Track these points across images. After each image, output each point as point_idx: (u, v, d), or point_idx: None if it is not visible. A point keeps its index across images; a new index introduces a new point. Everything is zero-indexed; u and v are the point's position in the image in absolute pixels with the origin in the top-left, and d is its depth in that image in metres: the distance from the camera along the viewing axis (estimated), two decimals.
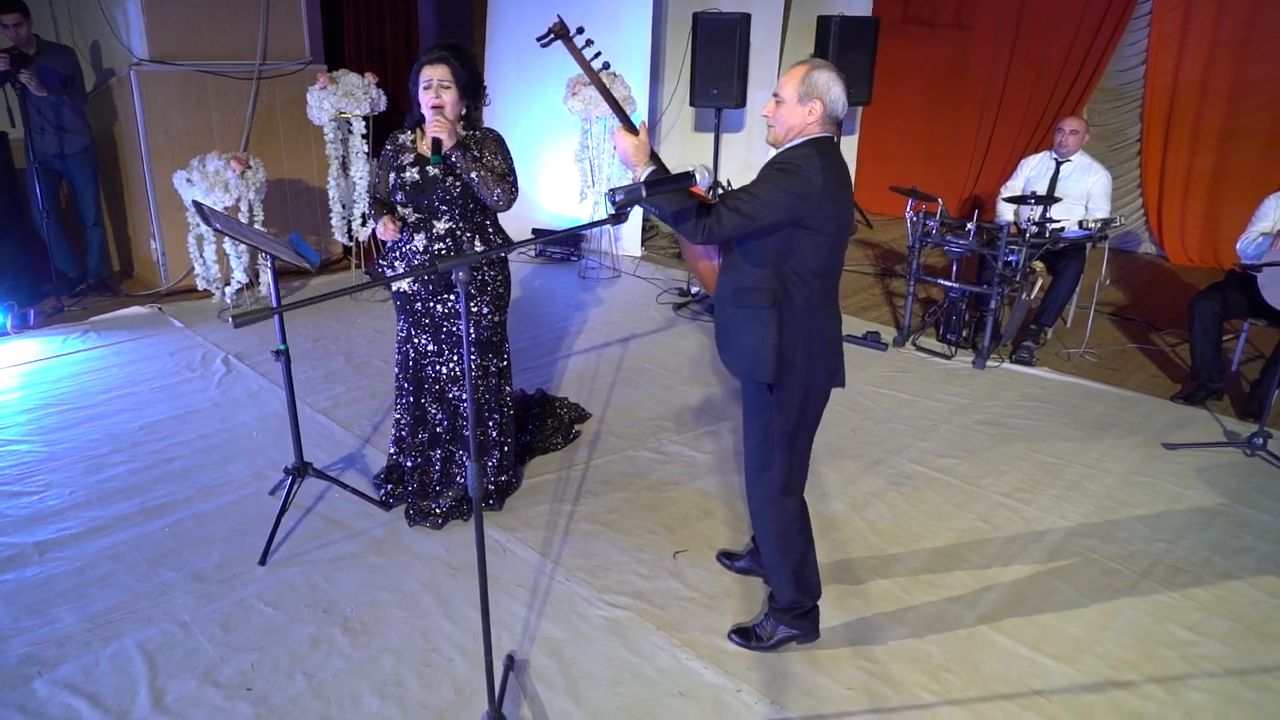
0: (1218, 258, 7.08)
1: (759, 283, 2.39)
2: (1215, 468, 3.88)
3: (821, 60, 2.42)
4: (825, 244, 2.37)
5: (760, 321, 2.40)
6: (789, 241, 2.34)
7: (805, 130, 2.38)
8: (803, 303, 2.40)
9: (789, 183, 2.27)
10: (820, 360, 2.45)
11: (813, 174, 2.28)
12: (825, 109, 2.36)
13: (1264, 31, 6.57)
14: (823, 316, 2.45)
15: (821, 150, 2.34)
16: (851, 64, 7.20)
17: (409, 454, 3.44)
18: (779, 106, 2.40)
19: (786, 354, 2.41)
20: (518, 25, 7.20)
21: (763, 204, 2.27)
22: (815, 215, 2.30)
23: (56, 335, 5.19)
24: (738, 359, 2.51)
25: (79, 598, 2.90)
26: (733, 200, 2.29)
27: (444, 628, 2.77)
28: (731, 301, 2.48)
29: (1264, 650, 2.76)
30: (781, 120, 2.40)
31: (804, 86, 2.35)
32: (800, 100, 2.36)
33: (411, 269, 3.09)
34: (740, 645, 2.71)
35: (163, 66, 5.65)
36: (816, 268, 2.39)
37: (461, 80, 2.99)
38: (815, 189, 2.28)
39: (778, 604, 2.69)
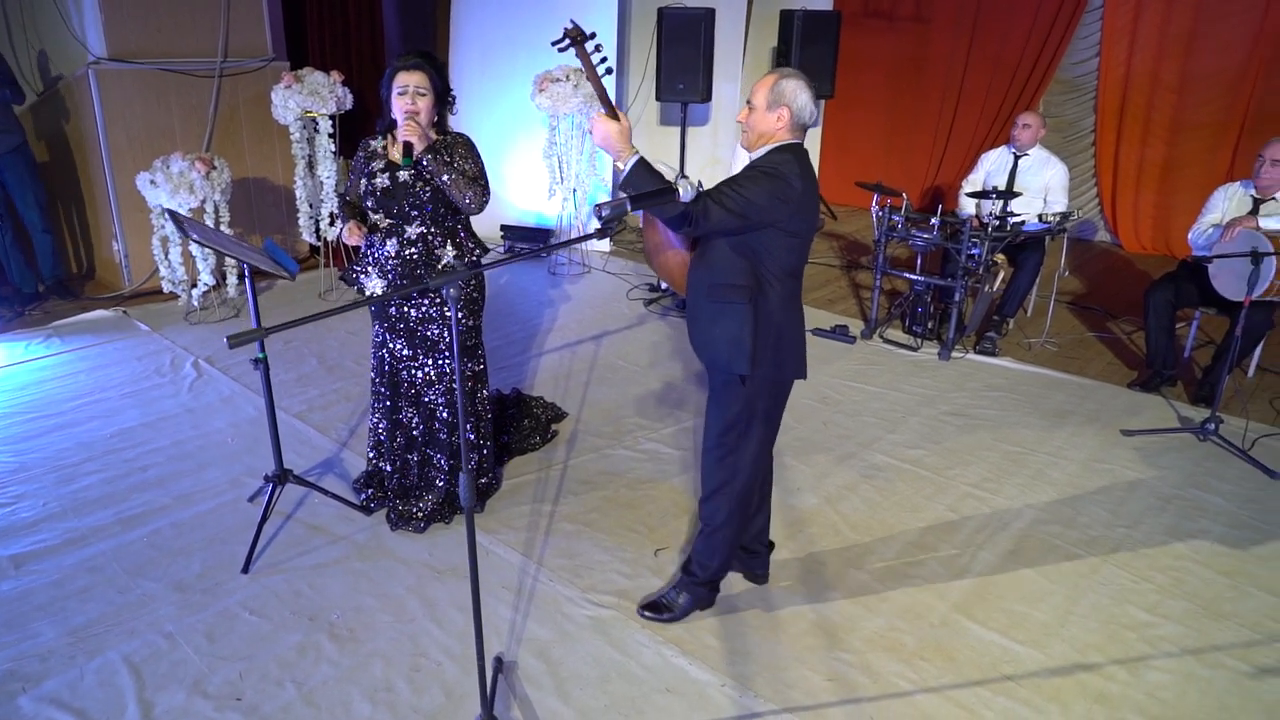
0: (1169, 245, 7.30)
1: (736, 279, 2.51)
2: (1170, 453, 4.04)
3: (791, 69, 2.54)
4: (797, 245, 2.51)
5: (737, 315, 2.52)
6: (765, 241, 2.46)
7: (775, 136, 2.50)
8: (776, 300, 2.53)
9: (773, 186, 2.39)
10: (788, 354, 2.59)
11: (794, 180, 2.41)
12: (792, 115, 2.48)
13: (1209, 27, 6.77)
14: (792, 313, 2.59)
15: (798, 156, 2.47)
16: (814, 58, 7.29)
17: (387, 458, 3.46)
18: (751, 113, 2.53)
19: (760, 347, 2.53)
20: (483, 22, 7.17)
21: (747, 201, 2.37)
22: (792, 218, 2.44)
23: (18, 341, 5.10)
24: (711, 349, 2.61)
25: (59, 611, 2.88)
26: (719, 195, 2.38)
27: (431, 632, 2.80)
28: (707, 295, 2.57)
29: (1218, 629, 2.90)
30: (753, 126, 2.53)
31: (772, 94, 2.48)
32: (769, 107, 2.48)
33: (398, 287, 3.11)
34: (653, 619, 2.86)
35: (122, 65, 5.55)
36: (788, 267, 2.52)
37: (437, 88, 3.01)
38: (795, 194, 2.41)
39: (698, 577, 2.86)
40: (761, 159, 2.48)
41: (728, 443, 2.69)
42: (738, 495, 2.74)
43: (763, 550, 3.04)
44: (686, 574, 2.90)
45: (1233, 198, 4.54)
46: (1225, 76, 6.78)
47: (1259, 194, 4.40)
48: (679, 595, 2.89)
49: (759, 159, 2.49)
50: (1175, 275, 4.68)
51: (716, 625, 2.86)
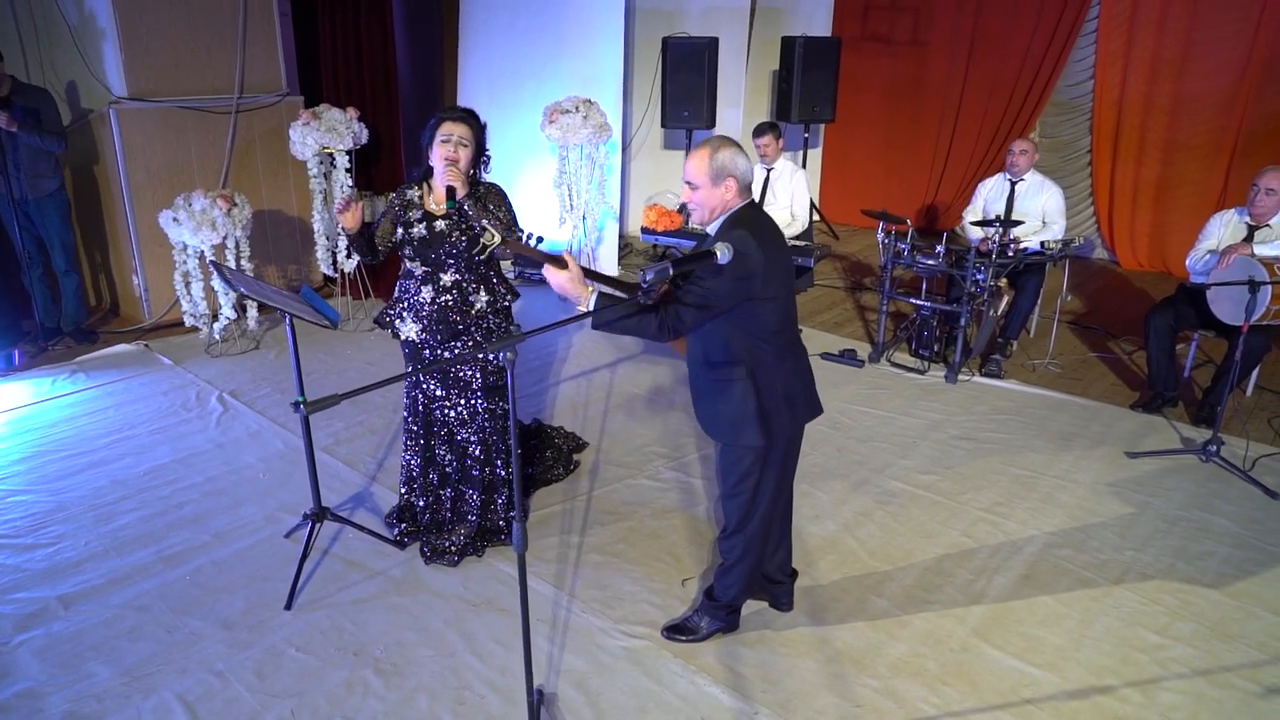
0: (1166, 262, 7.46)
1: (728, 355, 2.59)
2: (1175, 474, 4.17)
3: (719, 137, 2.58)
4: (779, 306, 2.58)
5: (738, 390, 2.60)
6: (746, 313, 2.53)
7: (728, 205, 2.57)
8: (772, 359, 2.61)
9: (732, 269, 2.41)
10: (800, 402, 2.70)
11: (753, 254, 2.45)
12: (738, 181, 2.55)
13: (1200, 50, 6.94)
14: (792, 362, 2.67)
15: (751, 225, 2.51)
16: (816, 82, 7.47)
17: (420, 494, 3.57)
18: (695, 192, 2.57)
19: (769, 411, 2.62)
20: (489, 53, 7.31)
21: (715, 294, 2.45)
22: (765, 288, 2.50)
23: (44, 377, 5.20)
24: (718, 425, 2.70)
25: (111, 651, 2.98)
26: (688, 296, 2.45)
27: (473, 665, 2.91)
28: (703, 366, 2.66)
29: (1226, 650, 3.02)
30: (703, 204, 2.58)
31: (714, 169, 2.52)
32: (714, 182, 2.53)
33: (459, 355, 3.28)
34: (675, 640, 2.98)
35: (141, 104, 5.68)
36: (775, 327, 2.60)
37: (478, 141, 3.14)
38: (758, 265, 2.46)
39: (718, 601, 2.97)
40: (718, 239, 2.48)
41: (744, 488, 2.78)
42: (755, 533, 2.85)
43: (786, 580, 3.15)
44: (708, 599, 3.02)
45: (1228, 224, 4.68)
46: (1217, 99, 6.96)
47: (1254, 221, 4.55)
48: (701, 619, 3.01)
49: (715, 239, 2.51)
50: (1174, 299, 4.82)
51: (746, 654, 2.98)
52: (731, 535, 2.88)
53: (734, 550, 2.89)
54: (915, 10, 8.39)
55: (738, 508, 2.83)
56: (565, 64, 7.05)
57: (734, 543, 2.88)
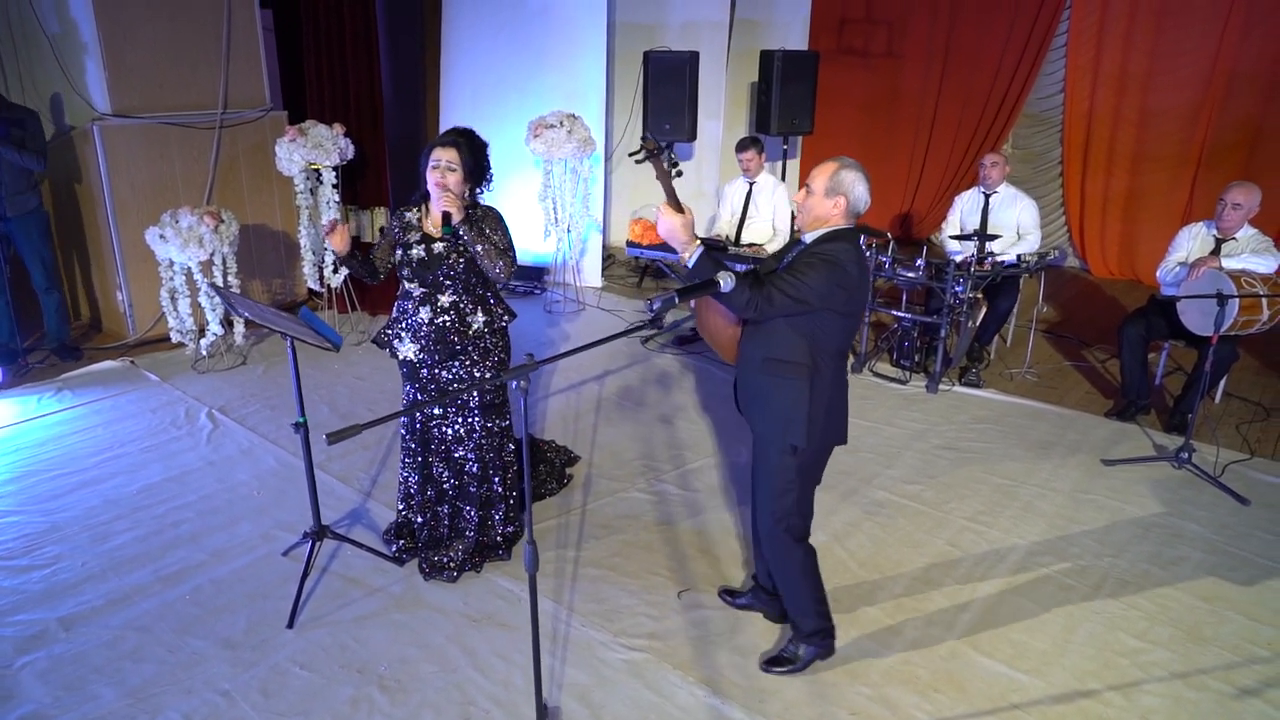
0: (1135, 270, 7.66)
1: (794, 357, 2.68)
2: (1149, 481, 4.31)
3: (850, 160, 2.70)
4: (849, 326, 2.70)
5: (796, 391, 2.69)
6: (821, 323, 2.64)
7: (829, 221, 2.68)
8: (829, 377, 2.72)
9: (832, 274, 2.56)
10: (835, 421, 2.80)
11: (850, 267, 2.59)
12: (849, 204, 2.66)
13: (1165, 64, 7.16)
14: (841, 387, 2.79)
15: (853, 244, 2.64)
16: (794, 96, 7.57)
17: (418, 510, 3.61)
18: (809, 196, 2.70)
19: (815, 419, 2.72)
20: (472, 65, 7.37)
21: (809, 289, 2.56)
22: (848, 302, 2.63)
23: (29, 395, 5.18)
24: (768, 421, 2.79)
25: (115, 672, 3.00)
26: (782, 283, 2.56)
27: (476, 680, 2.97)
28: (761, 369, 2.75)
29: (1201, 653, 3.15)
30: (809, 209, 2.70)
31: (831, 183, 2.65)
32: (827, 194, 2.65)
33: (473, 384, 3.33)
34: (775, 673, 2.99)
35: (125, 120, 5.67)
36: (837, 347, 2.71)
37: (468, 165, 3.20)
38: (851, 281, 2.59)
39: (803, 630, 3.00)
40: (823, 246, 2.63)
41: (780, 511, 2.85)
42: (800, 553, 2.91)
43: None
44: (794, 628, 3.04)
45: (1196, 237, 4.85)
46: (1182, 112, 7.17)
47: (1221, 234, 4.71)
48: (797, 647, 3.03)
49: (820, 246, 2.63)
50: (1146, 310, 4.98)
51: (743, 664, 3.06)
52: (784, 567, 2.93)
53: (790, 573, 2.93)
54: (890, 24, 8.55)
55: (781, 538, 2.88)
56: (548, 78, 7.12)
57: (790, 574, 2.93)
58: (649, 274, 7.48)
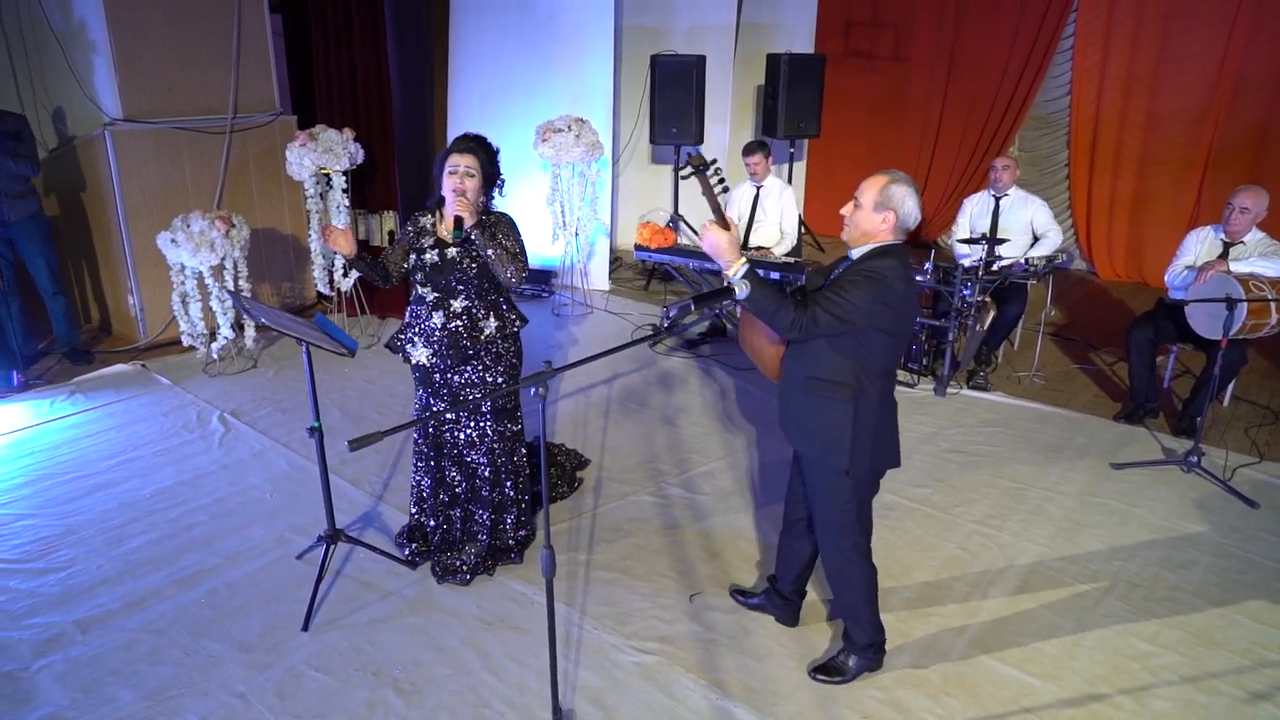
0: (1142, 273, 7.66)
1: (838, 376, 2.62)
2: (1158, 485, 4.32)
3: (901, 174, 2.63)
4: (895, 345, 2.64)
5: (839, 411, 2.65)
6: (866, 341, 2.58)
7: (877, 236, 2.61)
8: (874, 398, 2.65)
9: (876, 291, 2.51)
10: (885, 444, 2.75)
11: (897, 284, 2.53)
12: (898, 220, 2.59)
13: (1172, 67, 7.16)
14: (889, 409, 2.73)
15: (901, 260, 2.58)
16: (801, 99, 7.60)
17: (430, 514, 3.64)
18: (856, 210, 2.63)
19: (860, 441, 2.67)
20: (480, 69, 7.40)
21: (854, 308, 2.51)
22: (896, 321, 2.58)
23: (43, 399, 5.21)
24: (811, 442, 2.75)
25: (131, 675, 3.03)
26: (826, 302, 2.51)
27: (490, 683, 2.99)
28: (804, 388, 2.70)
29: (1212, 657, 3.16)
30: (857, 224, 2.64)
31: (881, 197, 2.58)
32: (876, 209, 2.59)
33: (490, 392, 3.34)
34: (825, 682, 2.99)
35: (136, 125, 5.71)
36: (885, 365, 2.65)
37: (485, 171, 3.22)
38: (898, 299, 2.54)
39: (857, 643, 2.99)
40: (869, 263, 2.57)
41: (840, 529, 2.83)
42: (859, 570, 2.90)
43: (798, 600, 3.26)
44: (847, 640, 3.03)
45: (1204, 241, 4.85)
46: (1189, 114, 7.17)
47: (1229, 238, 4.72)
48: (848, 659, 3.01)
49: (866, 262, 2.58)
50: (1154, 314, 4.99)
51: (755, 667, 3.07)
52: (840, 575, 2.92)
53: (849, 590, 2.93)
54: (896, 27, 8.57)
55: (845, 557, 2.87)
56: (555, 82, 7.15)
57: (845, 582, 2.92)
58: (656, 277, 7.50)
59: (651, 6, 8.05)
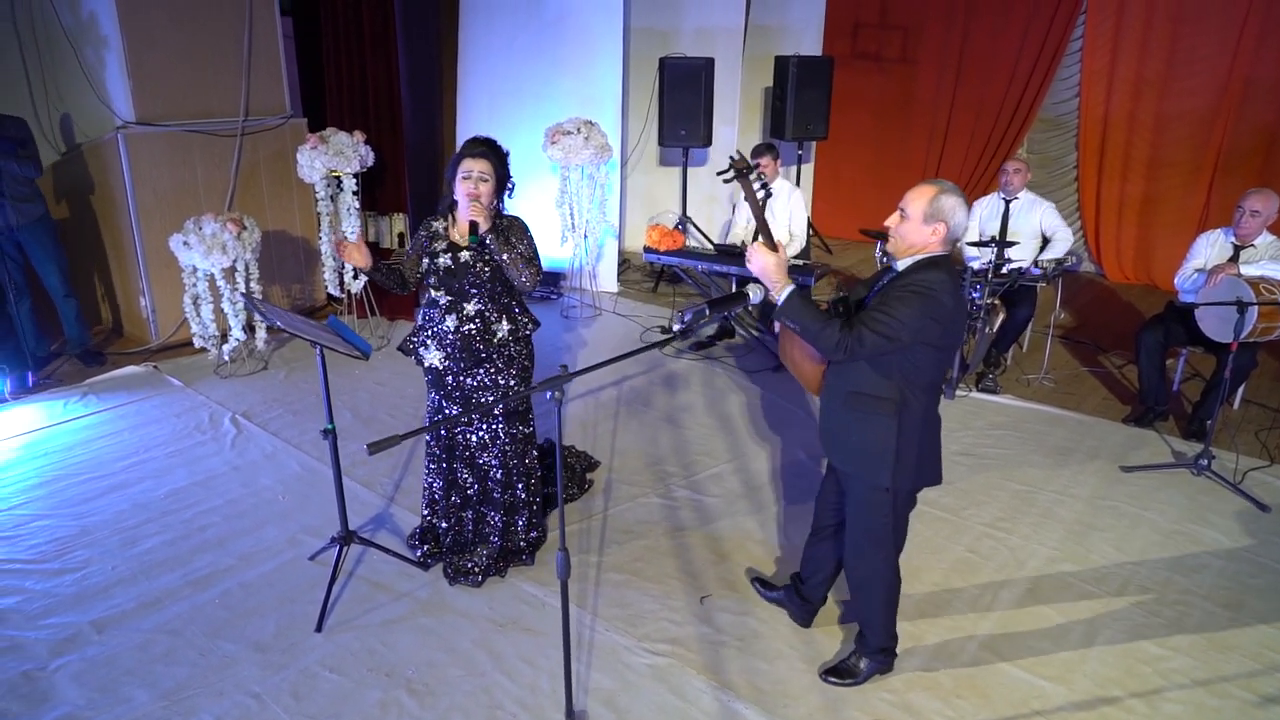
0: (1151, 275, 7.65)
1: (882, 392, 2.58)
2: (1168, 488, 4.32)
3: (949, 184, 2.57)
4: (942, 359, 2.59)
5: (883, 427, 2.60)
6: (913, 355, 2.53)
7: (926, 248, 2.56)
8: (920, 410, 2.61)
9: (925, 306, 2.45)
10: (928, 461, 2.72)
11: (946, 299, 2.47)
12: (948, 231, 2.54)
13: (1181, 70, 7.15)
14: (934, 424, 2.70)
15: (950, 273, 2.54)
16: (810, 101, 7.61)
17: (443, 516, 3.66)
18: (903, 221, 2.57)
19: (904, 459, 2.63)
20: (489, 71, 7.42)
21: (901, 325, 2.44)
22: (943, 335, 2.53)
23: (55, 400, 5.24)
24: (853, 459, 2.72)
25: (147, 674, 3.05)
26: (873, 321, 2.45)
27: (503, 684, 3.00)
28: (846, 404, 2.66)
29: (1224, 660, 3.16)
30: (904, 235, 2.58)
31: (931, 208, 2.51)
32: (925, 220, 2.52)
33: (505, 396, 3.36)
34: (836, 684, 2.99)
35: (149, 128, 5.74)
36: (931, 379, 2.61)
37: (498, 174, 3.24)
38: (947, 313, 2.48)
39: (870, 646, 2.99)
40: (915, 276, 2.51)
41: (874, 542, 2.82)
42: (885, 582, 2.91)
43: (817, 604, 3.27)
44: (860, 642, 3.03)
45: (1214, 244, 4.85)
46: (1198, 117, 7.16)
47: (1239, 241, 4.71)
48: (859, 661, 3.01)
49: (912, 276, 2.53)
50: (1164, 317, 4.98)
51: (766, 669, 3.08)
52: (864, 586, 2.91)
53: (872, 600, 2.92)
54: (904, 29, 8.57)
55: (866, 562, 2.86)
56: (564, 84, 7.17)
57: (868, 596, 2.92)
58: (664, 279, 7.51)
59: (659, 8, 8.07)
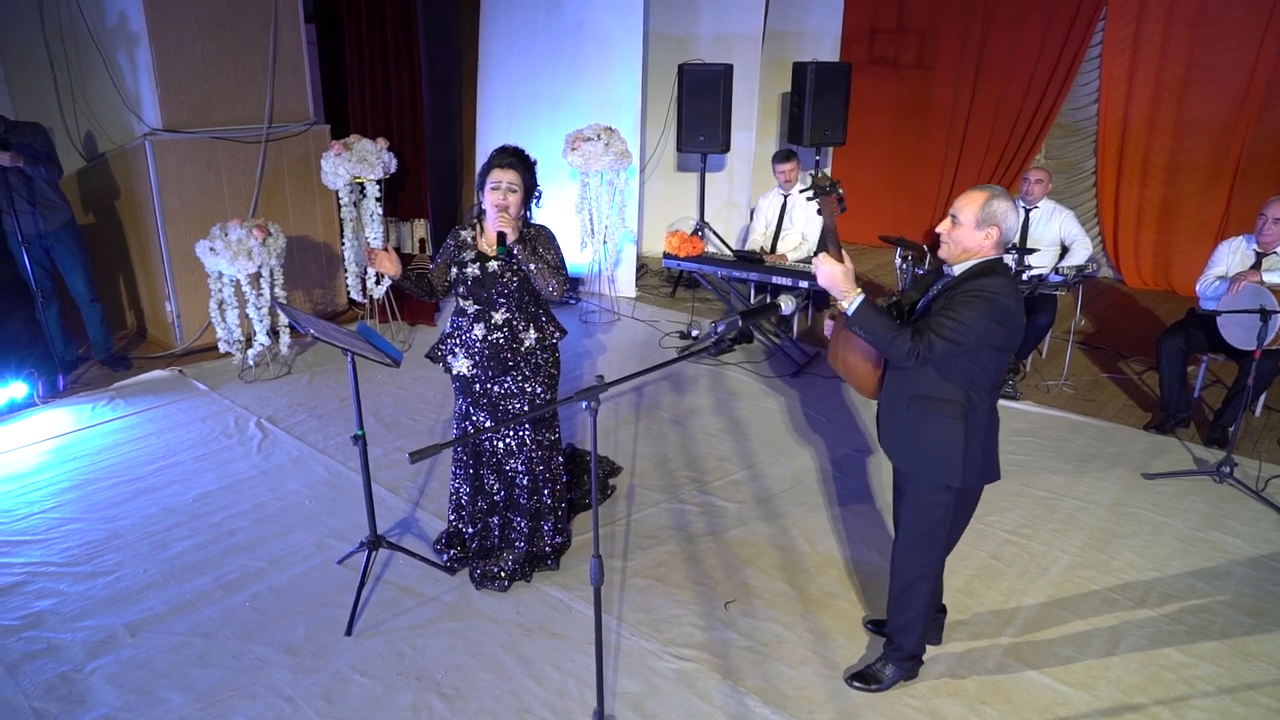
0: (1170, 281, 7.64)
1: (947, 395, 2.63)
2: (1190, 495, 4.32)
3: (999, 189, 2.62)
4: (1004, 361, 2.63)
5: (951, 430, 2.65)
6: (977, 358, 2.58)
7: (980, 253, 2.60)
8: (985, 412, 2.67)
9: (991, 310, 2.49)
10: (991, 461, 2.76)
11: (1009, 302, 2.52)
12: (1001, 235, 2.58)
13: (1200, 75, 7.14)
14: (995, 422, 2.74)
15: (1007, 275, 2.57)
16: (827, 107, 7.62)
17: (469, 521, 3.70)
18: (955, 227, 2.61)
19: (970, 458, 2.68)
20: (509, 77, 7.48)
21: (969, 329, 2.49)
22: (1007, 338, 2.57)
23: (84, 404, 5.32)
24: (920, 460, 2.74)
25: (182, 677, 3.10)
26: (939, 326, 2.49)
27: (531, 688, 3.04)
28: (911, 407, 2.70)
29: (1248, 668, 3.17)
30: (957, 241, 2.62)
31: (983, 213, 2.56)
32: (978, 225, 2.57)
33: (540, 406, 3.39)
34: (861, 689, 3.01)
35: (175, 135, 5.82)
36: (994, 380, 2.65)
37: (526, 185, 3.29)
38: (1011, 315, 2.54)
39: (901, 652, 3.00)
40: (974, 281, 2.55)
41: (935, 537, 2.83)
42: (931, 584, 2.92)
43: (940, 617, 3.25)
44: (891, 647, 3.03)
45: (1236, 251, 4.85)
46: (1218, 123, 7.14)
47: (1261, 249, 4.71)
48: (885, 666, 3.02)
49: (974, 280, 2.56)
50: (1185, 324, 4.98)
51: (790, 675, 3.11)
52: (910, 588, 2.91)
53: (915, 603, 2.92)
54: (921, 34, 8.58)
55: (916, 560, 2.86)
56: (583, 90, 7.21)
57: (913, 595, 2.91)
58: (682, 284, 7.55)
59: (677, 14, 8.11)
